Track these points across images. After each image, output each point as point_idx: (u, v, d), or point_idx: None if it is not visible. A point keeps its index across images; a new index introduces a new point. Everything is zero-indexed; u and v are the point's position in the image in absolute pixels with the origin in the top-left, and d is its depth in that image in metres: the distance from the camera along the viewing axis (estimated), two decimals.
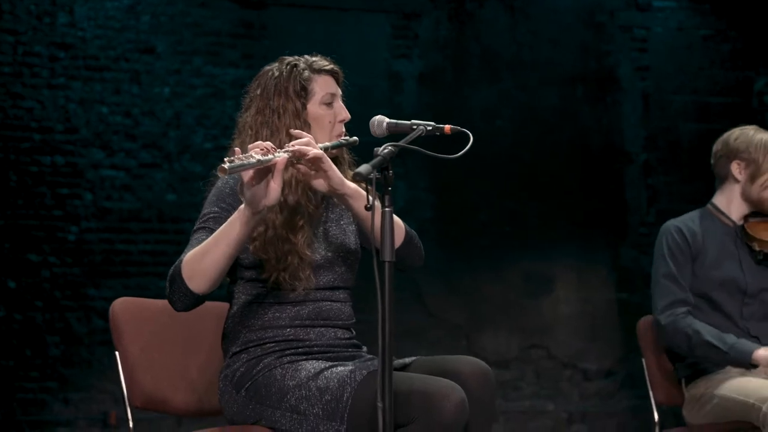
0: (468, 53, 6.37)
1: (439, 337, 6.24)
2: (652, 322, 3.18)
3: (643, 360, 3.24)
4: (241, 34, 5.98)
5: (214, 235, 2.32)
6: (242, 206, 2.27)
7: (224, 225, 2.31)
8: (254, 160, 2.17)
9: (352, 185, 2.38)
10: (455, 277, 6.28)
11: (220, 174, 2.13)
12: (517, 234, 6.33)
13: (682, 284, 3.14)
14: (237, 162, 2.14)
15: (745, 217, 3.21)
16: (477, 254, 6.29)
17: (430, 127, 2.44)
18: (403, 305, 6.23)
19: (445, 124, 2.46)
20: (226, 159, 2.15)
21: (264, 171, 2.23)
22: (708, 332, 3.05)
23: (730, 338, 3.03)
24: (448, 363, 2.43)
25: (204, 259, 2.30)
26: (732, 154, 3.21)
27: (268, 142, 2.29)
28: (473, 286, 6.28)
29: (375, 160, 2.15)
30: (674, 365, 3.17)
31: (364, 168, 2.14)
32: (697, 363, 3.11)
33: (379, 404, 2.07)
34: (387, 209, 2.15)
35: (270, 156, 2.22)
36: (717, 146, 3.27)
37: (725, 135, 3.28)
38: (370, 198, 2.15)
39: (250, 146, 2.28)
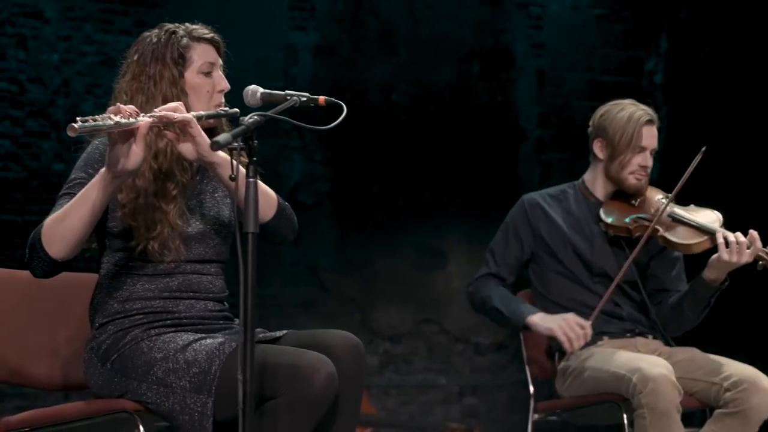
0: (365, 27, 6.34)
1: (332, 311, 6.24)
2: None
3: (521, 334, 3.28)
4: (135, 2, 5.84)
5: (74, 199, 2.28)
6: (103, 169, 2.23)
7: (84, 189, 2.27)
8: (111, 123, 2.12)
9: (222, 154, 2.35)
10: (349, 251, 6.28)
11: (70, 133, 2.08)
12: (411, 208, 6.36)
13: (498, 260, 3.19)
14: (91, 123, 2.09)
15: (609, 195, 3.23)
16: (371, 228, 6.29)
17: (305, 98, 2.41)
18: (296, 279, 6.21)
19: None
20: (79, 119, 2.10)
21: (127, 134, 2.18)
22: (498, 297, 3.11)
23: (514, 303, 3.08)
24: (318, 337, 2.42)
25: (63, 224, 2.25)
26: (595, 132, 3.23)
27: (131, 106, 2.25)
28: (367, 260, 6.29)
29: (237, 129, 2.12)
30: (549, 339, 3.22)
31: (222, 137, 2.11)
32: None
33: (240, 376, 2.05)
34: (251, 180, 2.12)
35: (132, 120, 2.18)
36: (590, 122, 3.29)
37: (597, 110, 3.27)
38: (235, 168, 2.12)
39: (109, 109, 2.23)
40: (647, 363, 2.88)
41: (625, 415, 2.92)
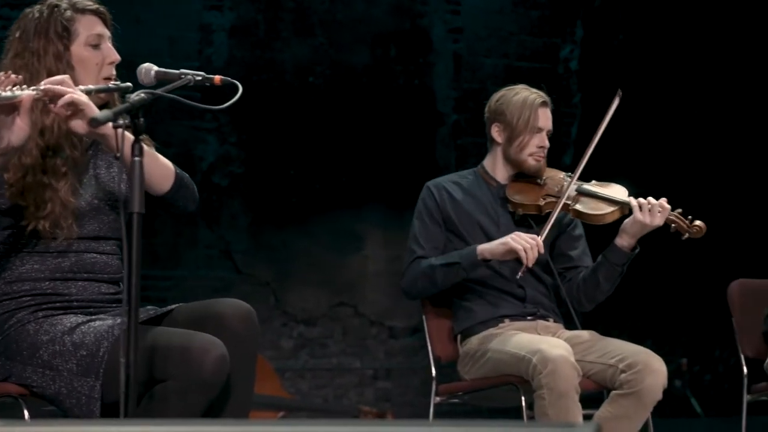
0: (281, 8, 6.29)
1: (246, 294, 6.18)
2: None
3: (424, 317, 3.28)
4: None
5: None
6: None
7: None
8: None
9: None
10: (264, 234, 6.24)
11: None
12: (327, 192, 6.33)
13: (424, 244, 3.20)
14: None
15: (511, 178, 3.26)
16: (286, 211, 6.26)
17: (200, 78, 2.36)
18: (211, 262, 6.15)
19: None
20: None
21: (9, 108, 2.12)
22: (437, 259, 3.13)
23: (456, 253, 3.10)
24: (210, 307, 2.39)
25: None
26: (492, 116, 3.26)
27: (14, 76, 2.19)
28: (282, 242, 6.26)
29: (120, 107, 2.07)
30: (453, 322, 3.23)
31: (103, 113, 2.06)
32: (472, 319, 3.17)
33: (122, 359, 2.01)
34: (136, 159, 2.07)
35: (13, 93, 2.12)
36: (486, 108, 3.31)
37: (492, 96, 3.31)
38: (120, 146, 2.07)
39: None
40: (547, 344, 2.91)
41: (523, 397, 2.94)
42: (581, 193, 3.17)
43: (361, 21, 6.40)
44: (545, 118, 3.24)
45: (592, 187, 3.19)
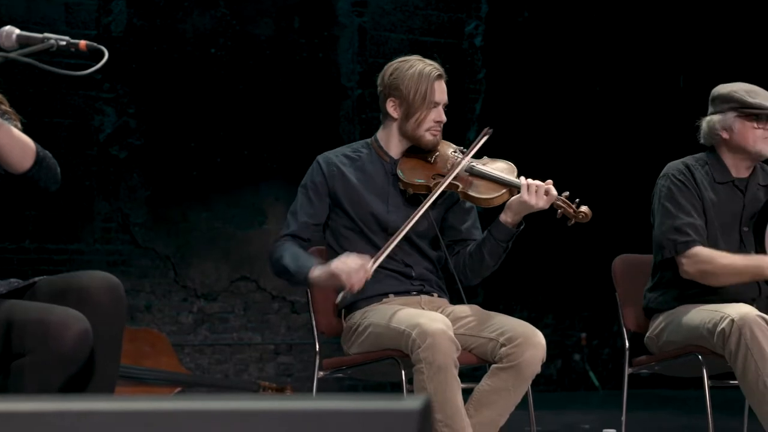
0: None
1: (146, 268, 6.10)
2: None
3: (308, 292, 3.25)
4: None
5: None
6: None
7: None
8: None
9: None
10: (163, 207, 6.14)
11: None
12: (228, 165, 6.26)
13: (300, 220, 3.16)
14: None
15: (403, 153, 3.21)
16: (186, 184, 6.16)
17: (64, 42, 2.27)
18: (108, 235, 6.04)
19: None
20: None
21: None
22: (289, 255, 3.07)
23: (303, 259, 3.04)
24: (72, 279, 2.32)
25: None
26: (387, 91, 3.17)
27: None
28: (182, 216, 6.17)
29: None
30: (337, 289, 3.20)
31: None
32: (356, 295, 3.14)
33: None
34: None
35: None
36: (378, 81, 3.23)
37: (384, 69, 3.22)
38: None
39: None
40: (427, 318, 2.89)
41: (403, 372, 2.93)
42: (471, 174, 3.13)
43: None
44: (441, 92, 3.17)
45: (483, 166, 3.14)
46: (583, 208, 3.02)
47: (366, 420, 1.27)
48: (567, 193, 3.04)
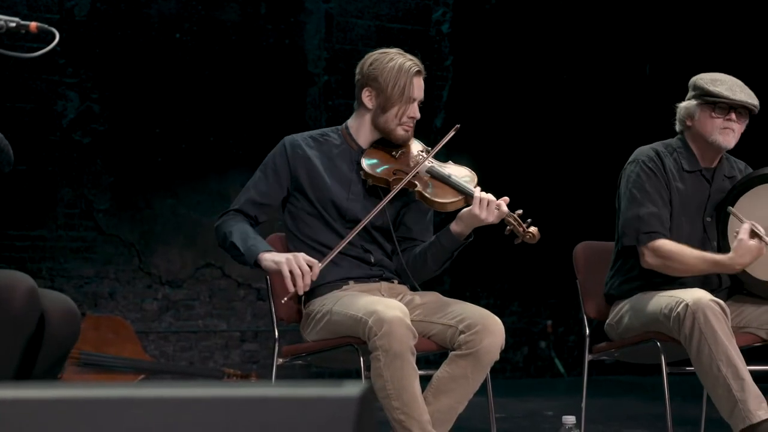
0: None
1: (110, 255, 6.05)
2: None
3: (267, 278, 3.23)
4: None
5: None
6: None
7: None
8: None
9: None
10: (127, 193, 6.09)
11: None
12: (194, 151, 6.21)
13: (252, 197, 3.14)
14: None
15: (372, 144, 3.19)
16: (151, 170, 6.12)
17: (14, 24, 2.24)
18: (71, 222, 5.98)
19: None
20: None
21: None
22: (238, 233, 3.04)
23: (252, 240, 3.02)
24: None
25: None
26: (364, 80, 3.15)
27: None
28: (146, 202, 6.12)
29: None
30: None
31: None
32: (317, 281, 3.12)
33: None
34: None
35: None
36: (357, 69, 3.20)
37: (364, 58, 3.18)
38: None
39: None
40: (383, 306, 2.88)
41: (361, 359, 2.92)
42: (432, 176, 3.12)
43: None
44: (419, 88, 3.16)
45: (444, 170, 3.13)
46: (532, 229, 3.01)
47: (305, 407, 1.26)
48: (520, 212, 3.02)
